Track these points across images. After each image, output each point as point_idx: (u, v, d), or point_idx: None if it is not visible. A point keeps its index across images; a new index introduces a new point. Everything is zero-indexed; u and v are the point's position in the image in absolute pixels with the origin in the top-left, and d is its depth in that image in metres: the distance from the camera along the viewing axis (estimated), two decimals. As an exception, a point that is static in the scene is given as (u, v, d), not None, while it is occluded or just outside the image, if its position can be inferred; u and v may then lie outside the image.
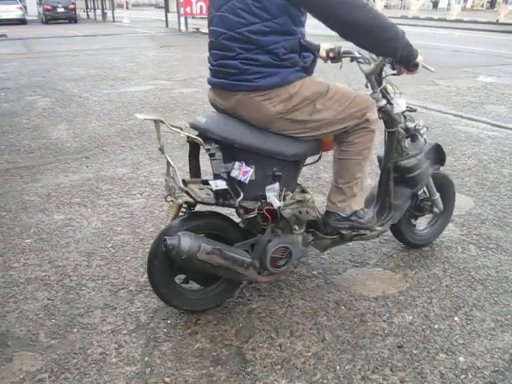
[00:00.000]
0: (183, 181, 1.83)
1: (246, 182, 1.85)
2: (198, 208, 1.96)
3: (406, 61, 1.87)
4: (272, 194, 1.88)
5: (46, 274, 2.37)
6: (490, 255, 2.52)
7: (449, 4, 29.00)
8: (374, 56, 2.05)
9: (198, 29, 17.32)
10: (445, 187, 2.52)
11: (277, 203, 1.88)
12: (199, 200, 1.82)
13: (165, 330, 1.97)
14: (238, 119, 1.85)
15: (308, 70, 1.84)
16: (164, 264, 1.87)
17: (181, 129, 1.82)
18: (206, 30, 16.64)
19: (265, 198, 1.89)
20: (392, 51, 1.81)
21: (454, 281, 2.30)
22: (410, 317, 2.04)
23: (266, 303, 2.13)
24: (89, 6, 31.51)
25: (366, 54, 2.03)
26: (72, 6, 25.45)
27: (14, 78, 7.91)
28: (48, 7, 24.80)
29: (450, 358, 1.81)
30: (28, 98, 6.39)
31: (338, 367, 1.77)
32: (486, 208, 3.06)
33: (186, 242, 1.74)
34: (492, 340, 1.91)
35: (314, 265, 2.43)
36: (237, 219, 2.06)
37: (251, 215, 1.89)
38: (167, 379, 1.72)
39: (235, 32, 1.71)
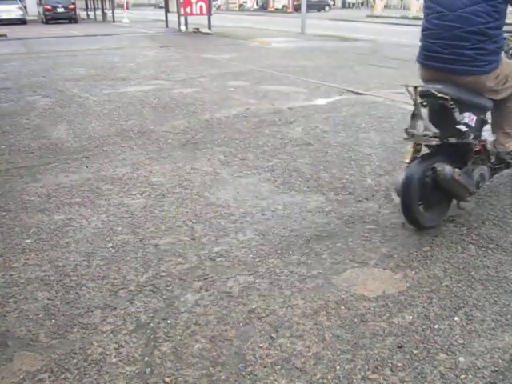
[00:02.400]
0: None
1: (473, 125, 2.64)
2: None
3: None
4: (487, 133, 2.81)
5: (45, 274, 2.37)
6: (489, 255, 2.52)
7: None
8: None
9: (197, 29, 17.29)
10: None
11: (490, 139, 2.83)
12: (448, 141, 2.55)
13: (165, 330, 1.97)
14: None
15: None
16: (416, 192, 2.56)
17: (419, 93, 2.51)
18: (205, 30, 16.69)
19: (479, 136, 2.73)
20: None
21: (454, 281, 2.30)
22: (410, 317, 2.04)
23: (266, 303, 2.13)
24: (89, 6, 31.49)
25: None
26: (72, 6, 25.50)
27: (14, 78, 7.91)
28: (48, 7, 24.84)
29: (449, 358, 1.81)
30: (28, 97, 6.39)
31: (337, 367, 1.77)
32: (485, 208, 3.06)
33: (448, 168, 2.52)
34: (492, 340, 1.91)
35: (314, 265, 2.42)
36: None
37: (477, 148, 2.70)
38: (167, 379, 1.72)
39: (476, 27, 2.43)
